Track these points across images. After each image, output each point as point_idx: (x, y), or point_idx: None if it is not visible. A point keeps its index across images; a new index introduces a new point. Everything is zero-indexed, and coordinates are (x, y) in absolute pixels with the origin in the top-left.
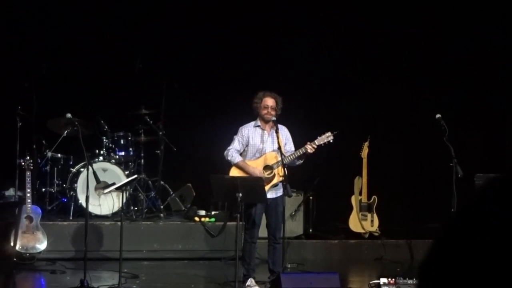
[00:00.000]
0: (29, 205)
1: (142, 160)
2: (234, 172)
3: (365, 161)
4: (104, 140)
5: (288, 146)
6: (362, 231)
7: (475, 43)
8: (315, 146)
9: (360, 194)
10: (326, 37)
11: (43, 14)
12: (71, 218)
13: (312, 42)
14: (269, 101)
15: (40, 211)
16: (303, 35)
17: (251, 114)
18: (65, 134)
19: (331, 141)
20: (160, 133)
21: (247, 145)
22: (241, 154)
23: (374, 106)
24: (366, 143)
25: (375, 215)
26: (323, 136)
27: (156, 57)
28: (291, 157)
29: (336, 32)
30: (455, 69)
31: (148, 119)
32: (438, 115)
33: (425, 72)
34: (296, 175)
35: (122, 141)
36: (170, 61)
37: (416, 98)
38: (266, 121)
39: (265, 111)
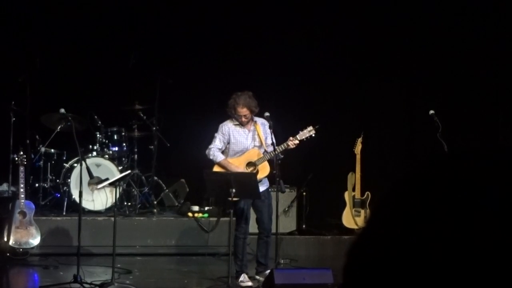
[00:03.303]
0: (23, 200)
1: (136, 156)
2: (217, 170)
3: (358, 157)
4: (98, 135)
5: (268, 139)
6: (356, 227)
7: (469, 40)
8: (297, 142)
9: (354, 190)
10: (319, 34)
11: (37, 9)
12: (64, 213)
13: (305, 39)
14: (242, 111)
15: (34, 206)
16: (295, 31)
17: None
18: (58, 129)
19: (313, 135)
20: (154, 128)
21: (228, 143)
22: (223, 152)
23: (367, 102)
24: (360, 139)
25: (368, 211)
26: (305, 131)
27: (150, 52)
28: (274, 152)
29: (328, 28)
30: (449, 65)
31: (142, 115)
32: (431, 111)
33: (418, 68)
34: (290, 171)
35: (115, 137)
36: (164, 57)
37: (409, 94)
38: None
39: (240, 120)
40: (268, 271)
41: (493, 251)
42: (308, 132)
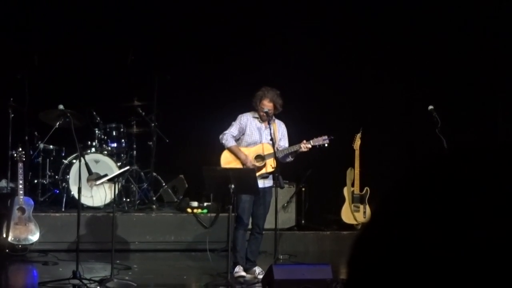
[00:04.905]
0: (22, 197)
1: (134, 152)
2: (225, 155)
3: (357, 152)
4: (96, 131)
5: (283, 141)
6: (355, 222)
7: (468, 34)
8: (310, 146)
9: (353, 185)
10: (319, 29)
11: (35, 6)
12: (63, 209)
13: (305, 34)
14: (267, 105)
15: (33, 203)
16: (294, 27)
17: (243, 107)
18: (57, 126)
19: (326, 145)
20: (152, 124)
21: (243, 134)
22: (236, 141)
23: (366, 97)
24: (358, 135)
25: (367, 207)
26: (319, 138)
27: (148, 48)
28: (284, 151)
29: (328, 24)
30: (448, 60)
31: (141, 111)
32: (430, 107)
33: (417, 63)
34: (289, 166)
35: (114, 133)
36: (162, 53)
37: (408, 89)
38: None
39: (262, 113)
40: (256, 267)
41: (492, 248)
42: (322, 140)
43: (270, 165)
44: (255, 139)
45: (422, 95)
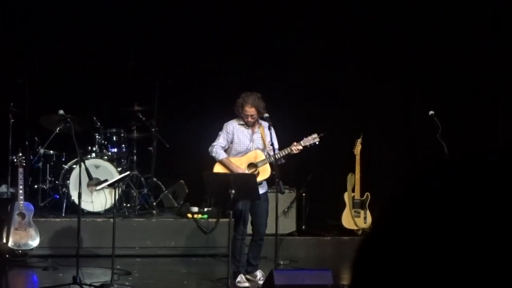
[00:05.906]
0: (22, 202)
1: (135, 157)
2: (217, 169)
3: (358, 157)
4: (97, 136)
5: (274, 144)
6: (355, 227)
7: (468, 39)
8: (301, 148)
9: (353, 190)
10: (317, 34)
11: (36, 10)
12: (63, 214)
13: (303, 39)
14: (249, 111)
15: (33, 208)
16: (295, 32)
17: None
18: (57, 131)
19: (317, 143)
20: (153, 129)
21: (231, 142)
22: (225, 151)
23: (367, 102)
24: (359, 140)
25: (368, 212)
26: (309, 138)
27: (149, 53)
28: (276, 156)
29: (326, 29)
30: (448, 65)
31: (141, 116)
32: (431, 112)
33: (418, 68)
34: (289, 172)
35: (114, 138)
36: (163, 58)
37: (409, 95)
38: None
39: (246, 119)
40: (258, 271)
41: (494, 251)
42: (312, 139)
43: (263, 172)
44: (244, 146)
45: (422, 100)
